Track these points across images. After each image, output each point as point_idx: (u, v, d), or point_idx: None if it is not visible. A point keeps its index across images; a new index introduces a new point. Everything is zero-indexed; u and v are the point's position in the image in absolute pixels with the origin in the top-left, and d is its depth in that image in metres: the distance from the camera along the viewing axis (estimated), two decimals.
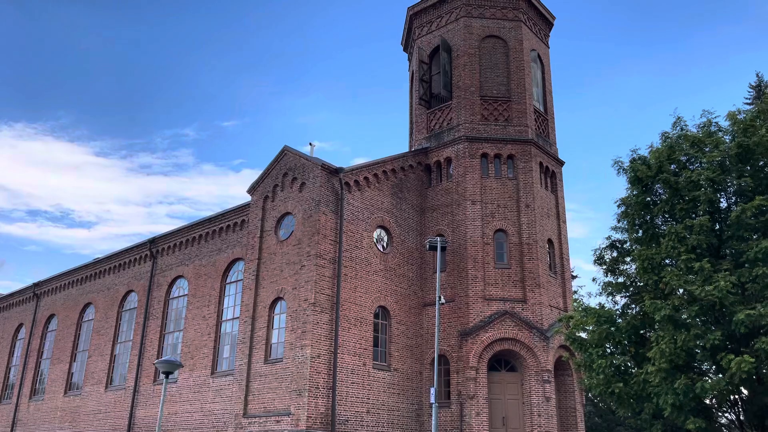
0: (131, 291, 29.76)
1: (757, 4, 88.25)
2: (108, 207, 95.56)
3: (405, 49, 30.95)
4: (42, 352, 34.56)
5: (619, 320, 15.51)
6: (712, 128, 15.25)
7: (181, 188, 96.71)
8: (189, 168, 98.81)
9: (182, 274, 27.10)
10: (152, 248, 28.79)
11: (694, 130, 15.52)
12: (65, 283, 34.42)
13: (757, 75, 30.63)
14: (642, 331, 15.25)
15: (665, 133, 15.95)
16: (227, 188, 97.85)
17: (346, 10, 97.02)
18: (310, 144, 23.53)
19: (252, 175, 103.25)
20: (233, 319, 24.07)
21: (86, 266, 33.17)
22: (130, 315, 29.38)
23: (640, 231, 15.79)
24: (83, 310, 32.60)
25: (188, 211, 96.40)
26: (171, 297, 27.54)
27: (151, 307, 27.85)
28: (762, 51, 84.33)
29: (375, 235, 22.97)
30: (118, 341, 29.50)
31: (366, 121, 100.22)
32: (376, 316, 22.11)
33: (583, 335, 16.65)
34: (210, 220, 26.40)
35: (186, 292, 26.69)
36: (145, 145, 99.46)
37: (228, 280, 25.12)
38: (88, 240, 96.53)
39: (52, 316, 34.95)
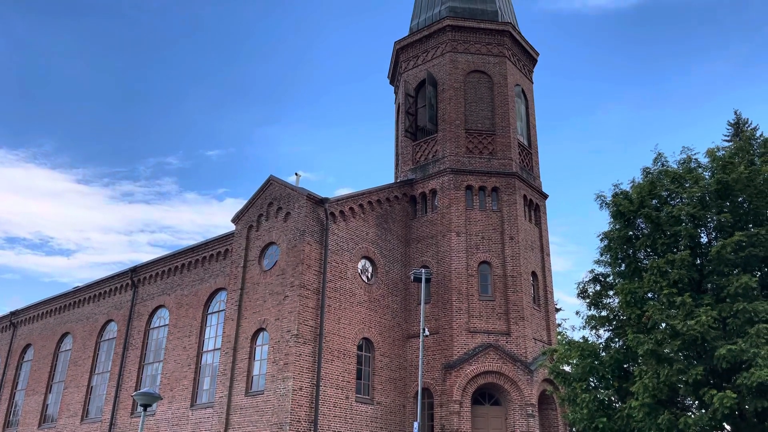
0: (111, 320, 29.26)
1: (736, 43, 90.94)
2: (88, 235, 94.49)
3: (391, 83, 31.34)
4: (17, 382, 33.68)
5: (603, 354, 15.52)
6: (692, 165, 15.54)
7: (163, 217, 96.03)
8: (172, 196, 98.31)
9: (163, 303, 26.73)
10: (133, 277, 28.42)
11: (675, 166, 15.79)
12: (43, 312, 33.76)
13: (736, 113, 31.41)
14: (625, 366, 15.27)
15: (646, 168, 16.21)
16: (210, 217, 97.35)
17: (332, 42, 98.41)
18: (296, 174, 23.59)
19: (235, 204, 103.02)
20: (214, 350, 23.70)
21: (65, 295, 32.60)
22: (109, 345, 28.83)
23: (623, 265, 15.92)
24: (61, 340, 31.93)
25: (170, 239, 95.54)
26: (151, 327, 27.10)
27: (131, 337, 27.36)
28: (740, 89, 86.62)
29: (359, 265, 22.89)
30: (96, 372, 28.86)
31: (350, 152, 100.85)
32: (359, 348, 21.90)
33: (567, 369, 16.61)
34: (193, 249, 26.17)
35: (167, 322, 26.29)
36: (128, 173, 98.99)
37: (210, 311, 24.81)
38: (67, 268, 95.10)
39: (28, 345, 34.18)
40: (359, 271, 22.80)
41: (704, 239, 15.07)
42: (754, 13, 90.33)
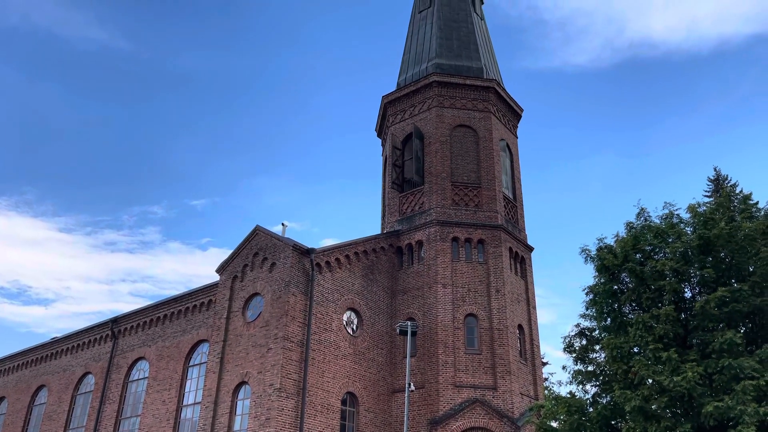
0: (88, 373, 28.49)
1: (711, 102, 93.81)
2: (68, 284, 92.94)
3: (379, 135, 31.81)
4: None
5: (590, 410, 15.34)
6: (674, 220, 15.79)
7: (145, 266, 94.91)
8: (155, 246, 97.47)
9: (144, 355, 26.14)
10: (114, 328, 27.86)
11: (658, 221, 16.03)
12: (18, 364, 32.83)
13: (715, 169, 32.08)
14: (613, 422, 15.07)
15: (630, 223, 16.45)
16: (193, 267, 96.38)
17: (319, 95, 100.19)
18: (283, 224, 23.53)
19: (219, 254, 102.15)
20: (194, 404, 23.08)
21: (42, 346, 31.81)
22: (85, 399, 27.98)
23: (609, 319, 15.93)
24: (35, 393, 30.96)
25: (152, 289, 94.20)
26: (130, 380, 26.40)
27: (109, 390, 26.61)
28: (717, 145, 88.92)
29: (345, 317, 22.66)
30: (70, 427, 27.89)
31: (336, 203, 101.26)
32: (343, 402, 21.44)
33: (555, 425, 16.35)
34: (176, 300, 25.81)
35: (146, 375, 25.64)
36: (112, 222, 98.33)
37: (191, 363, 24.27)
38: (44, 318, 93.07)
39: (1, 398, 33.07)
40: (344, 323, 22.55)
41: (688, 294, 15.18)
42: (728, 71, 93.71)
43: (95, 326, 29.03)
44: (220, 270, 23.38)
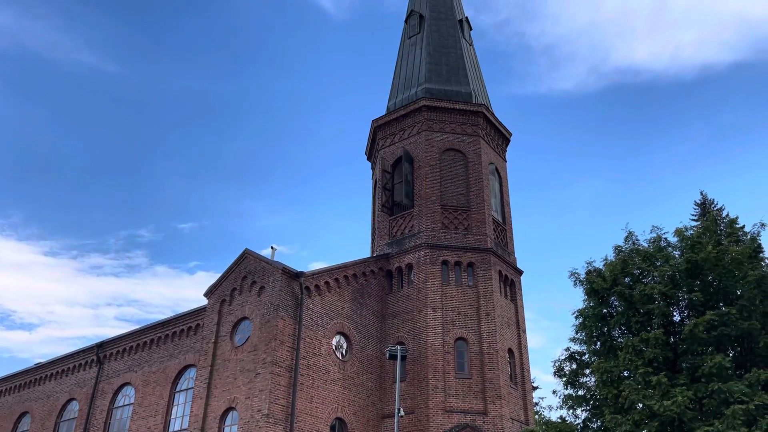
0: (72, 399, 27.97)
1: (696, 126, 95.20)
2: (52, 308, 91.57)
3: (369, 159, 31.93)
4: None
5: None
6: (662, 244, 15.89)
7: (131, 290, 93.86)
8: (142, 269, 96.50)
9: (129, 381, 25.72)
10: (99, 353, 27.44)
11: (645, 245, 16.13)
12: (0, 390, 32.18)
13: (702, 193, 32.51)
14: None
15: (618, 246, 16.53)
16: (180, 291, 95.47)
17: (307, 119, 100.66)
18: (272, 247, 23.42)
19: (206, 278, 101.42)
20: (181, 430, 22.66)
21: (25, 372, 31.24)
22: (69, 426, 27.42)
23: (598, 343, 15.92)
24: (18, 420, 30.31)
25: (137, 313, 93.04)
26: (115, 406, 25.93)
27: (93, 417, 26.11)
28: (703, 169, 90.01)
29: (334, 341, 22.47)
30: None
31: (325, 226, 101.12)
32: (332, 428, 21.14)
33: None
34: (163, 324, 25.51)
35: (132, 401, 25.20)
36: (98, 245, 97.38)
37: (178, 388, 23.91)
38: (27, 343, 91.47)
39: None
40: (334, 347, 22.35)
41: (677, 317, 15.22)
42: (712, 97, 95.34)
43: (80, 351, 28.58)
44: (209, 293, 23.18)
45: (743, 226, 16.74)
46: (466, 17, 33.64)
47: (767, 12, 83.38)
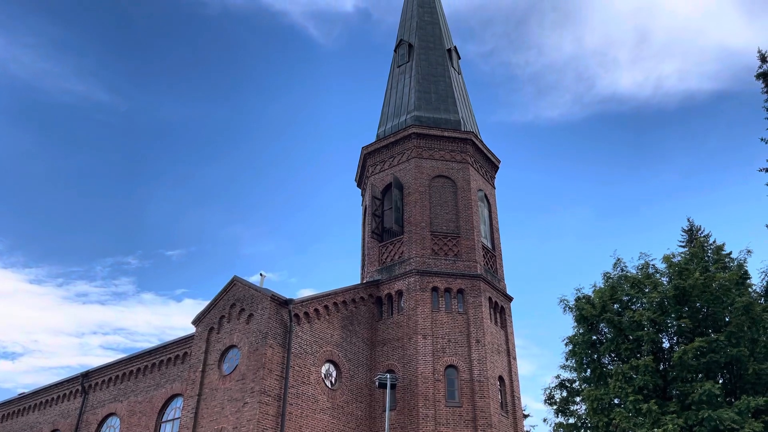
0: (56, 430, 27.39)
1: (681, 154, 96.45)
2: (36, 337, 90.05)
3: (359, 185, 32.03)
4: None
5: None
6: (650, 270, 16.00)
7: (117, 318, 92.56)
8: (128, 297, 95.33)
9: (114, 411, 25.25)
10: (84, 382, 26.98)
11: (634, 272, 16.23)
12: None
13: (689, 220, 32.79)
14: None
15: (607, 273, 16.63)
16: (167, 318, 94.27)
17: (296, 144, 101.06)
18: (261, 274, 23.32)
19: (194, 305, 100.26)
20: None
21: (8, 402, 30.61)
22: None
23: (589, 370, 15.89)
24: None
25: (123, 342, 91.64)
26: None
27: None
28: (689, 197, 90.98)
29: (323, 370, 22.24)
30: None
31: (314, 253, 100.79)
32: None
33: None
34: (150, 353, 25.17)
35: None
36: (84, 273, 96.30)
37: (164, 418, 23.49)
38: (11, 373, 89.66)
39: None
40: (323, 375, 22.11)
41: (666, 344, 15.25)
42: (696, 126, 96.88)
43: (65, 381, 28.09)
44: (197, 321, 22.95)
45: (730, 253, 16.90)
46: (455, 46, 34.15)
47: (747, 43, 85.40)
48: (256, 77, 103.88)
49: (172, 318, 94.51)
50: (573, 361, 16.10)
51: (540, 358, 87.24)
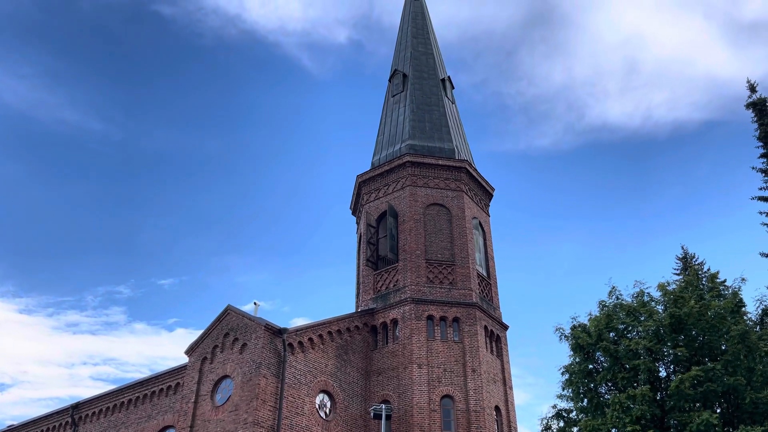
0: None
1: (672, 183, 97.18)
2: (26, 368, 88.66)
3: (353, 213, 32.05)
4: None
5: None
6: (645, 298, 15.98)
7: (108, 348, 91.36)
8: (119, 327, 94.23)
9: None
10: (74, 414, 26.52)
11: (629, 300, 16.21)
12: None
13: (683, 248, 32.85)
14: None
15: (602, 301, 16.62)
16: (159, 348, 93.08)
17: (289, 173, 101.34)
18: (255, 303, 23.10)
19: (186, 335, 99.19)
20: None
21: None
22: None
23: (585, 399, 15.75)
24: None
25: (114, 372, 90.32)
26: None
27: None
28: (681, 225, 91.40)
29: (318, 400, 21.94)
30: None
31: (308, 281, 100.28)
32: None
33: None
34: (141, 384, 24.81)
35: None
36: (75, 302, 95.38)
37: None
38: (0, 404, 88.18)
39: None
40: (317, 406, 21.81)
41: (663, 373, 15.15)
42: (686, 155, 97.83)
43: (54, 413, 27.62)
44: (189, 351, 22.68)
45: (724, 281, 16.93)
46: (448, 76, 34.56)
47: (735, 73, 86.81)
48: (250, 107, 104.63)
49: (164, 348, 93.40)
50: (569, 390, 15.96)
51: (535, 387, 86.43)
